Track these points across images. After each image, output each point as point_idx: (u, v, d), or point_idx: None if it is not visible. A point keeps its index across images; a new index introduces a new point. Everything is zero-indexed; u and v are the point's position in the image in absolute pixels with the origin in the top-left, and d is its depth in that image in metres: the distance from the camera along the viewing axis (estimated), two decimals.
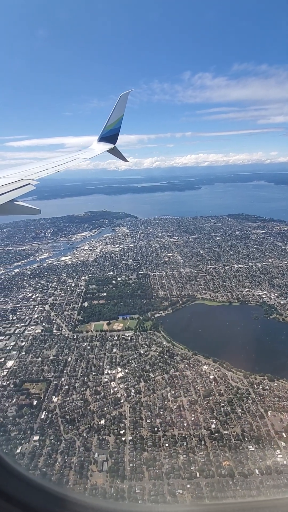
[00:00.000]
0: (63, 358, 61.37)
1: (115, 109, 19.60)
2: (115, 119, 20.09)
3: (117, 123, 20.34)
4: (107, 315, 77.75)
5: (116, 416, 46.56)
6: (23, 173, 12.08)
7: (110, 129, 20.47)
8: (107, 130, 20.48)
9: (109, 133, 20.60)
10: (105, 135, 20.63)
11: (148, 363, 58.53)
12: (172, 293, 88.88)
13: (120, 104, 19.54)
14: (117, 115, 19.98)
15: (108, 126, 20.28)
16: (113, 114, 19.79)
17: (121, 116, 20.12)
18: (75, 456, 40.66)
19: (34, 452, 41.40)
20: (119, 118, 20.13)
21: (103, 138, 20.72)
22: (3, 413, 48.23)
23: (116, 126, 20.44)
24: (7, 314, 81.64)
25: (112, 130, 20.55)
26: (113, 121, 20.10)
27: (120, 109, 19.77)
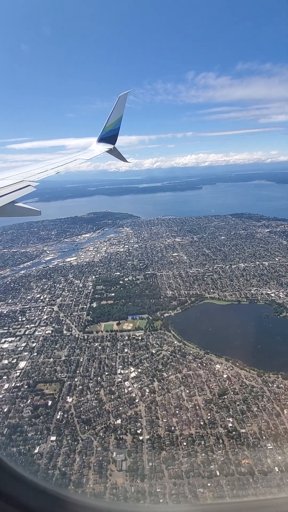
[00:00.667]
0: (75, 359, 61.41)
1: (114, 109, 19.59)
2: (114, 119, 20.06)
3: (116, 123, 20.30)
4: (116, 315, 77.79)
5: (132, 416, 46.57)
6: (23, 174, 12.13)
7: (109, 130, 20.44)
8: (106, 131, 20.50)
9: (108, 134, 20.60)
10: (105, 135, 20.65)
11: (161, 363, 58.52)
12: (180, 293, 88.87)
13: (119, 104, 19.49)
14: (116, 116, 19.95)
15: (108, 126, 20.28)
16: (112, 115, 19.75)
17: (120, 116, 20.06)
18: (93, 456, 40.68)
19: (52, 452, 41.44)
20: (118, 118, 20.08)
21: (103, 138, 20.75)
22: (19, 413, 48.24)
23: (115, 126, 20.42)
24: (16, 316, 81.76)
25: (112, 130, 20.52)
26: (112, 121, 20.08)
27: (119, 109, 19.71)
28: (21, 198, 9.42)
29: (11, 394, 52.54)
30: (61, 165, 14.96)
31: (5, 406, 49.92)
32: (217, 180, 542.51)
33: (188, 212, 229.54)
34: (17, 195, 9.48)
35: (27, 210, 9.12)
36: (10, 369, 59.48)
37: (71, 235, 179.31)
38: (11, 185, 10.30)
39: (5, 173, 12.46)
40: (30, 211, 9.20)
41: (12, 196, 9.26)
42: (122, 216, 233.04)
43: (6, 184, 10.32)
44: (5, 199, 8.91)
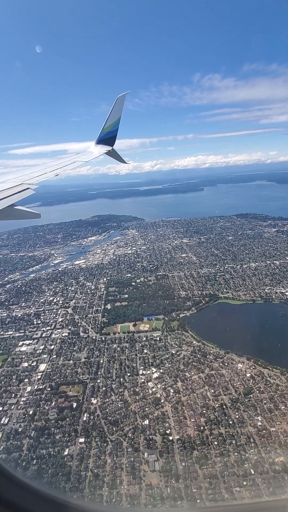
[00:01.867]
0: (95, 360, 61.24)
1: (112, 111, 19.47)
2: (112, 121, 19.98)
3: (114, 125, 20.18)
4: (132, 316, 77.68)
5: (159, 416, 46.36)
6: (22, 177, 12.10)
7: (107, 132, 20.36)
8: (104, 133, 20.37)
9: (106, 136, 20.51)
10: (103, 137, 20.54)
11: (182, 363, 58.35)
12: (193, 293, 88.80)
13: (117, 106, 19.43)
14: (114, 117, 19.84)
15: (106, 128, 20.13)
16: (110, 117, 19.63)
17: (118, 118, 19.97)
18: (124, 457, 40.46)
19: (82, 454, 41.23)
20: (116, 120, 20.01)
21: (101, 140, 20.62)
22: (45, 416, 48.07)
23: (113, 128, 20.32)
24: (31, 318, 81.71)
25: (110, 132, 20.43)
26: (110, 123, 19.98)
27: (117, 111, 19.64)
28: (20, 201, 9.46)
29: (35, 397, 52.39)
30: (59, 167, 14.98)
31: (30, 409, 49.75)
32: (217, 182, 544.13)
33: (192, 213, 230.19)
34: (16, 198, 9.50)
35: (27, 213, 9.10)
36: (31, 371, 59.36)
37: (78, 238, 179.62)
38: (10, 188, 10.32)
39: (4, 176, 12.50)
40: (29, 214, 9.20)
41: (12, 199, 9.27)
42: (127, 218, 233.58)
43: (5, 188, 10.34)
44: (4, 202, 8.91)
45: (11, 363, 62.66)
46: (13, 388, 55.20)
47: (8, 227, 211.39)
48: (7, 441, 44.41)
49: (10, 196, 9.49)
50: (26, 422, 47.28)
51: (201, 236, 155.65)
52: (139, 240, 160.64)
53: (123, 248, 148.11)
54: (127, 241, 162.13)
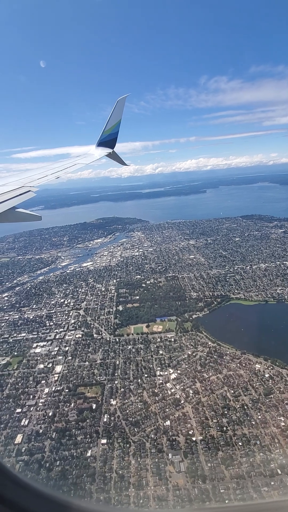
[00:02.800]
0: (111, 362, 61.10)
1: (113, 114, 19.53)
2: (113, 123, 20.03)
3: (115, 127, 20.30)
4: (144, 317, 77.56)
5: (180, 417, 46.14)
6: (23, 180, 12.12)
7: (108, 134, 20.42)
8: (105, 135, 20.43)
9: (107, 138, 20.58)
10: (104, 140, 20.60)
11: (199, 364, 58.13)
12: (204, 294, 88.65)
13: (118, 108, 19.53)
14: (115, 120, 19.91)
15: (106, 131, 20.20)
16: (111, 119, 19.73)
17: (118, 120, 20.07)
18: (148, 457, 40.22)
19: (105, 455, 41.03)
20: (116, 122, 20.08)
21: (102, 143, 20.67)
22: (65, 417, 47.92)
23: (114, 130, 20.40)
24: (43, 320, 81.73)
25: (110, 134, 20.50)
26: (111, 125, 20.05)
27: (118, 113, 19.75)
28: (22, 203, 9.49)
29: (53, 398, 52.26)
30: (60, 170, 15.01)
31: (49, 410, 49.61)
32: (219, 184, 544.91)
33: (196, 215, 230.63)
34: (17, 200, 9.53)
35: (28, 216, 9.13)
36: (47, 373, 59.27)
37: (83, 241, 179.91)
38: (12, 191, 10.35)
39: (5, 179, 12.53)
40: (30, 216, 9.22)
41: (13, 202, 9.31)
42: (131, 221, 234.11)
43: (6, 190, 10.38)
44: (5, 205, 8.96)
45: (27, 365, 62.61)
46: (31, 389, 55.11)
47: (13, 230, 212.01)
48: (28, 442, 44.24)
49: (12, 199, 9.54)
50: (46, 423, 47.13)
51: (207, 237, 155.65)
52: (145, 242, 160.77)
53: (130, 250, 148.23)
54: (133, 243, 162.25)
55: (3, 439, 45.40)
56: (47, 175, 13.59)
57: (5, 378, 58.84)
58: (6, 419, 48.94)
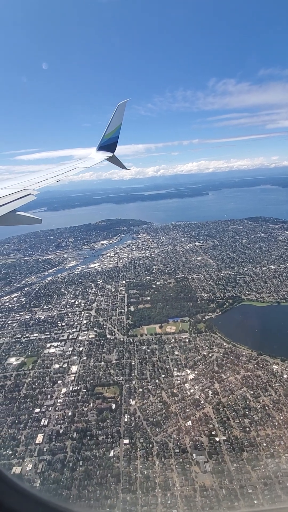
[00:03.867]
0: (126, 362, 60.90)
1: (113, 118, 19.70)
2: (113, 128, 20.23)
3: (115, 132, 20.48)
4: (157, 318, 77.41)
5: (201, 417, 45.91)
6: (23, 183, 12.17)
7: (108, 138, 20.63)
8: (105, 139, 20.62)
9: (107, 142, 20.77)
10: (104, 144, 20.80)
11: (216, 364, 57.92)
12: (215, 295, 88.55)
13: (118, 113, 19.70)
14: (115, 124, 20.11)
15: (107, 135, 20.42)
16: (111, 123, 19.93)
17: (119, 125, 20.24)
18: (172, 458, 39.96)
19: (128, 455, 40.78)
20: (117, 127, 20.28)
21: (102, 147, 20.88)
22: (84, 417, 47.71)
23: (114, 135, 20.59)
24: (55, 321, 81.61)
25: (111, 139, 20.69)
26: (111, 130, 20.25)
27: (118, 118, 19.91)
28: (24, 206, 9.55)
29: (71, 398, 52.05)
30: (61, 173, 15.08)
31: (68, 410, 49.39)
32: (221, 186, 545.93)
33: (201, 217, 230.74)
34: (18, 203, 9.57)
35: (28, 219, 9.14)
36: (63, 373, 59.08)
37: (89, 242, 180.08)
38: (12, 194, 10.39)
39: (6, 182, 12.55)
40: (31, 219, 9.20)
41: (13, 205, 9.34)
42: (135, 222, 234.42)
43: (7, 193, 10.41)
44: (6, 208, 8.99)
45: (42, 365, 62.44)
46: (48, 389, 54.90)
47: (18, 231, 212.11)
48: (49, 442, 44.02)
49: (12, 202, 9.57)
50: (66, 423, 46.88)
51: (214, 239, 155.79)
52: (151, 244, 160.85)
53: (137, 251, 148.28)
54: (140, 244, 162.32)
55: (24, 439, 45.15)
56: (48, 178, 13.65)
57: (21, 378, 58.66)
58: (25, 418, 48.71)
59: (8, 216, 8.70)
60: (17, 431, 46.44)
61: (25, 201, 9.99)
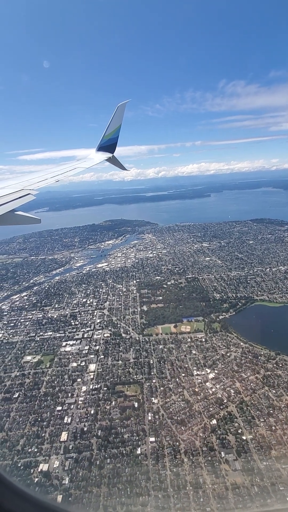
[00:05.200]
0: (144, 361, 60.84)
1: (113, 119, 19.78)
2: (113, 128, 20.31)
3: (115, 132, 20.57)
4: (171, 318, 77.42)
5: (226, 416, 45.94)
6: (23, 183, 12.19)
7: (108, 139, 20.71)
8: (105, 140, 20.71)
9: (107, 143, 20.86)
10: (104, 144, 20.89)
11: (235, 364, 57.98)
12: (228, 295, 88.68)
13: (118, 114, 19.81)
14: (115, 125, 20.20)
15: (106, 135, 20.50)
16: (111, 124, 20.00)
17: (119, 125, 20.35)
18: (200, 456, 39.94)
19: (156, 453, 40.72)
20: (117, 127, 20.36)
21: (102, 147, 20.95)
22: (107, 415, 47.62)
23: (114, 135, 20.69)
24: (67, 320, 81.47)
25: (110, 139, 20.78)
26: (111, 130, 20.33)
27: (118, 119, 20.01)
28: (23, 206, 9.55)
29: (92, 396, 51.96)
30: (60, 173, 15.10)
31: (90, 408, 49.30)
32: (223, 188, 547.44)
33: (205, 218, 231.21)
34: (17, 203, 9.55)
35: (27, 218, 9.11)
36: (82, 371, 58.99)
37: (95, 242, 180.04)
38: (11, 194, 10.39)
39: (5, 182, 12.58)
40: (30, 219, 9.16)
41: (13, 205, 9.32)
42: (140, 223, 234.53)
43: (6, 193, 10.42)
44: (5, 207, 8.97)
45: (59, 363, 62.31)
46: (68, 387, 54.80)
47: (22, 231, 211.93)
48: (74, 440, 43.91)
49: (11, 202, 9.56)
50: (90, 421, 46.80)
51: (220, 240, 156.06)
52: (158, 244, 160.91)
53: (143, 251, 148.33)
54: (146, 245, 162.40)
55: (48, 437, 45.05)
56: (47, 178, 13.68)
57: (40, 376, 58.53)
58: (47, 416, 48.61)
59: (7, 216, 8.66)
60: (40, 429, 46.36)
61: (24, 201, 9.98)
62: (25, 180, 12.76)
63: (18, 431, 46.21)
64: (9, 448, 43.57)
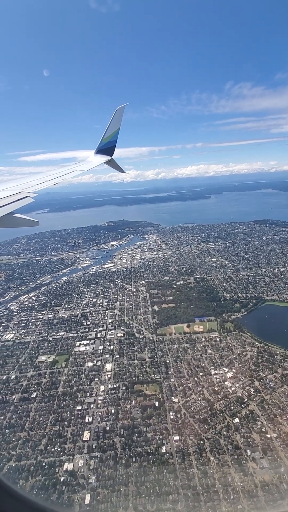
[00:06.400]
0: (160, 360, 60.80)
1: (112, 122, 19.86)
2: (112, 131, 20.37)
3: (113, 135, 20.66)
4: (183, 318, 77.47)
5: (248, 415, 45.94)
6: (21, 186, 12.25)
7: (107, 142, 20.80)
8: (104, 143, 20.80)
9: (106, 146, 20.95)
10: (102, 147, 20.97)
11: (252, 363, 58.08)
12: (238, 295, 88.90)
13: (117, 117, 19.91)
14: (114, 128, 20.25)
15: (105, 138, 20.58)
16: (110, 127, 20.07)
17: (117, 129, 20.41)
18: (226, 454, 39.91)
19: (181, 452, 40.64)
20: (115, 131, 20.43)
21: (100, 150, 21.06)
22: (129, 414, 47.48)
23: (112, 138, 20.78)
24: (79, 320, 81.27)
25: (109, 142, 20.87)
26: (109, 134, 20.41)
27: (117, 122, 20.08)
28: (19, 209, 9.54)
29: (111, 396, 51.81)
30: (59, 176, 15.15)
31: (110, 408, 49.14)
32: (222, 190, 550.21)
33: (207, 219, 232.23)
34: (15, 206, 9.56)
35: (26, 221, 9.12)
36: (98, 371, 58.79)
37: (99, 243, 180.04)
38: (9, 196, 10.42)
39: (4, 184, 12.69)
40: (28, 221, 9.17)
41: (11, 207, 9.33)
42: (142, 224, 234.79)
43: (4, 196, 10.44)
44: (3, 210, 8.99)
45: (74, 363, 62.12)
46: (86, 387, 54.64)
47: (25, 231, 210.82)
48: (97, 439, 43.72)
49: (9, 204, 9.58)
50: (111, 420, 46.64)
51: (225, 241, 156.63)
52: (162, 245, 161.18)
53: (149, 252, 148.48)
54: (151, 245, 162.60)
55: (70, 436, 44.82)
56: (46, 181, 13.75)
57: (56, 376, 58.29)
58: (67, 416, 48.39)
59: (6, 218, 8.67)
60: (62, 429, 46.10)
61: (22, 204, 9.99)
62: (23, 183, 12.80)
63: (39, 431, 45.97)
64: (31, 447, 43.30)
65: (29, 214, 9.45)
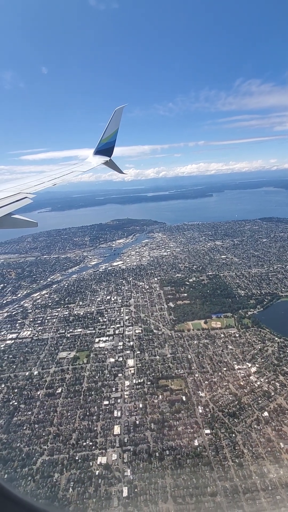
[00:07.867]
0: (182, 356, 61.03)
1: (110, 123, 19.80)
2: (110, 132, 20.32)
3: (112, 136, 20.63)
4: (200, 314, 77.71)
5: (276, 408, 46.26)
6: (20, 187, 12.28)
7: (105, 143, 20.76)
8: (102, 144, 20.75)
9: (104, 146, 20.93)
10: (101, 148, 20.95)
11: (274, 358, 58.36)
12: (252, 292, 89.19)
13: (115, 118, 19.86)
14: (112, 129, 20.22)
15: (104, 139, 20.53)
16: (108, 128, 20.02)
17: (116, 129, 20.39)
18: (259, 447, 40.20)
19: (214, 445, 40.90)
20: (114, 131, 20.40)
21: (99, 151, 21.03)
22: (157, 408, 47.71)
23: (111, 139, 20.76)
24: (95, 316, 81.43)
25: (108, 143, 20.84)
26: (108, 134, 20.36)
27: (115, 123, 20.03)
28: (18, 210, 9.59)
29: (137, 391, 52.05)
30: (57, 177, 15.19)
31: (138, 402, 49.40)
32: (224, 188, 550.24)
33: (212, 217, 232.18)
34: (14, 207, 9.60)
35: (24, 222, 9.15)
36: (121, 367, 59.02)
37: (106, 241, 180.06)
38: (8, 197, 10.43)
39: (2, 185, 12.69)
40: (26, 222, 9.19)
41: (9, 208, 9.35)
42: (147, 222, 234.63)
43: (3, 196, 10.46)
44: (2, 211, 9.02)
45: (96, 359, 62.36)
46: (110, 382, 54.85)
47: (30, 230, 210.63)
48: (128, 433, 43.96)
49: (8, 205, 9.61)
50: (140, 415, 46.89)
51: (233, 238, 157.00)
52: (170, 243, 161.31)
53: (157, 250, 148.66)
54: (158, 243, 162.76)
55: (100, 430, 45.06)
56: (44, 182, 13.79)
57: (80, 372, 58.50)
58: (95, 411, 48.63)
59: (4, 219, 8.72)
60: (91, 423, 46.35)
61: (20, 205, 10.01)
62: (22, 184, 12.83)
63: (69, 426, 46.19)
64: (63, 442, 43.53)
65: (31, 213, 9.59)
